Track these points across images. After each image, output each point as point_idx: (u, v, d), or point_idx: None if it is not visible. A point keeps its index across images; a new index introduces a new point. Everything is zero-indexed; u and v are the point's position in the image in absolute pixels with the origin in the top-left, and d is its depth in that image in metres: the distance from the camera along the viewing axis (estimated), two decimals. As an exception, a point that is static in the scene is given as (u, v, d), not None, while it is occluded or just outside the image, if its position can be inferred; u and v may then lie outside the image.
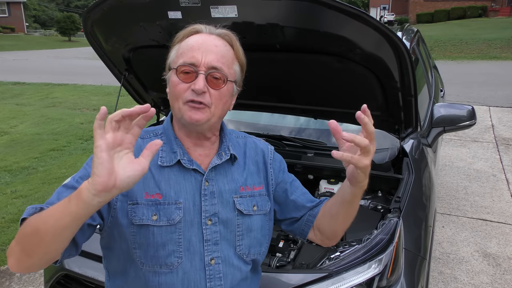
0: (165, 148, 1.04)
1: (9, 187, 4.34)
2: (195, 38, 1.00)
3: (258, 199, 1.12)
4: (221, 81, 0.98)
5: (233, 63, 1.02)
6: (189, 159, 1.03)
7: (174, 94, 0.99)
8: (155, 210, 0.99)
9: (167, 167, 1.02)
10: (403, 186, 1.84)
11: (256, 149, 1.18)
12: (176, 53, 1.01)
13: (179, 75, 0.97)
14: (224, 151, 1.08)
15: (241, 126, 2.68)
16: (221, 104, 1.00)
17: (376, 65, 1.68)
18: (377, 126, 2.09)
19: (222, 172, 1.07)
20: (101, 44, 2.11)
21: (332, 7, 1.45)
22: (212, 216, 1.03)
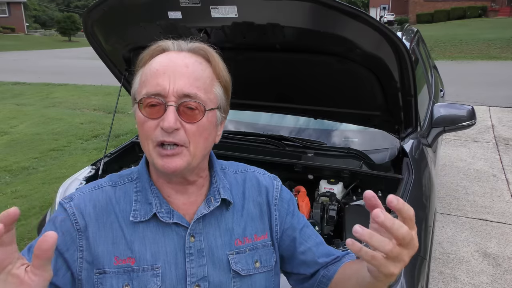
0: (139, 197, 0.84)
1: (9, 187, 4.34)
2: (160, 59, 0.79)
3: (262, 252, 0.90)
4: (197, 111, 0.77)
5: (212, 85, 0.81)
6: (168, 211, 0.83)
7: (142, 134, 0.79)
8: (127, 279, 0.80)
9: (141, 223, 0.82)
10: (403, 186, 1.84)
11: (259, 186, 0.95)
12: (139, 81, 0.81)
13: (144, 110, 0.77)
14: (214, 196, 0.87)
15: (241, 126, 2.68)
16: (202, 140, 0.79)
17: (376, 65, 1.68)
18: (377, 126, 2.10)
19: (212, 222, 0.86)
20: (101, 44, 2.11)
21: (332, 7, 1.45)
22: (201, 280, 0.82)
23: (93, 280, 0.80)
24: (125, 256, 0.81)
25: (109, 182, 0.87)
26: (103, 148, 4.16)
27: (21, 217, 3.62)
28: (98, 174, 2.09)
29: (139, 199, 0.84)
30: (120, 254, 0.81)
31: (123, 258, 0.81)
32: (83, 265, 0.80)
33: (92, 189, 0.86)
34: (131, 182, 0.87)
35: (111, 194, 0.85)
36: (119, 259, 0.81)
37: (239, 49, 1.86)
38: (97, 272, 0.80)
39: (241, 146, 2.28)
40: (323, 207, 1.91)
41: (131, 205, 0.84)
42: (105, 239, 0.81)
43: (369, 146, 2.32)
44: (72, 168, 4.75)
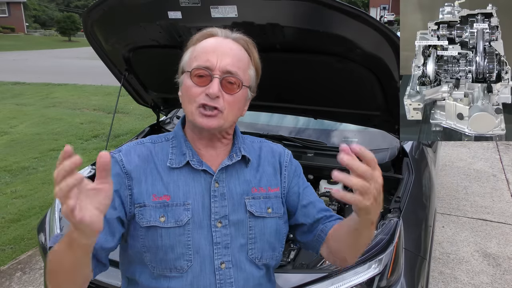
0: (175, 150, 1.04)
1: (9, 187, 4.34)
2: (211, 41, 0.99)
3: (274, 201, 1.08)
4: (235, 85, 0.96)
5: (248, 67, 1.01)
6: (198, 160, 1.02)
7: (188, 97, 0.98)
8: (163, 211, 0.97)
9: (176, 169, 1.01)
10: (403, 186, 1.84)
11: (272, 152, 1.15)
12: (190, 56, 1.00)
13: (193, 78, 0.96)
14: (236, 153, 1.06)
15: (241, 126, 2.68)
16: (235, 109, 0.99)
17: (376, 65, 1.68)
18: (377, 126, 2.10)
19: (233, 173, 1.05)
20: (101, 44, 2.11)
21: (332, 7, 1.45)
22: (222, 218, 1.00)
23: (134, 212, 0.97)
24: (162, 194, 0.99)
25: (150, 140, 1.07)
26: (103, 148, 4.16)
27: (21, 217, 3.62)
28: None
29: (174, 152, 1.03)
30: (157, 192, 0.99)
31: (160, 195, 0.98)
32: (132, 200, 0.98)
33: (136, 144, 1.06)
34: (168, 141, 1.06)
35: (151, 149, 1.04)
36: (156, 196, 0.98)
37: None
38: (138, 205, 0.98)
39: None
40: (323, 207, 1.91)
41: (167, 156, 1.03)
42: (145, 181, 0.99)
43: (369, 146, 2.32)
44: (72, 168, 4.73)
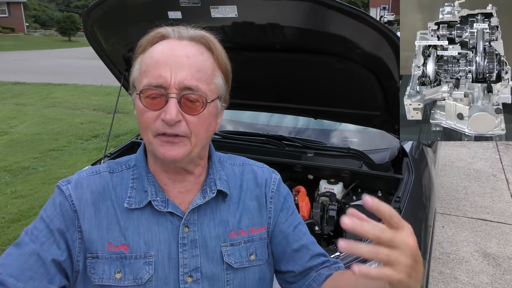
0: (135, 185, 0.84)
1: (9, 187, 4.34)
2: (161, 47, 0.78)
3: (258, 244, 0.89)
4: (198, 104, 0.76)
5: (213, 75, 0.80)
6: (163, 200, 0.82)
7: (143, 124, 0.78)
8: (119, 265, 0.79)
9: (136, 210, 0.82)
10: (403, 186, 1.84)
11: (256, 179, 0.93)
12: (139, 69, 0.79)
13: (145, 101, 0.76)
14: (210, 187, 0.86)
15: (241, 126, 2.68)
16: (203, 131, 0.79)
17: (376, 65, 1.68)
18: (377, 126, 2.10)
19: (208, 213, 0.85)
20: (101, 44, 2.11)
21: (332, 7, 1.45)
22: (193, 271, 0.82)
23: (85, 263, 0.80)
24: (118, 243, 0.80)
25: (107, 168, 0.87)
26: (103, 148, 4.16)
27: (21, 217, 3.62)
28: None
29: (135, 186, 0.84)
30: (113, 240, 0.80)
31: (116, 244, 0.80)
32: (81, 246, 0.80)
33: (90, 174, 0.86)
34: (128, 170, 0.87)
35: (108, 180, 0.85)
36: (112, 245, 0.80)
37: (239, 49, 1.86)
38: (90, 256, 0.80)
39: (241, 146, 2.28)
40: (323, 207, 1.91)
41: (127, 192, 0.83)
42: (99, 224, 0.81)
43: (369, 146, 2.33)
44: (72, 168, 4.75)
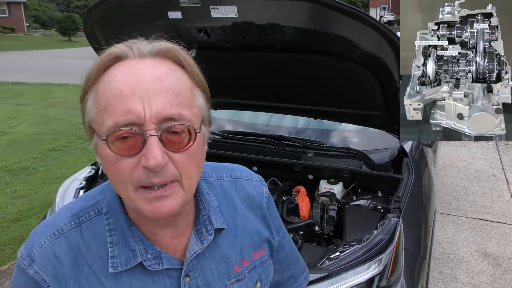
0: (115, 239, 0.67)
1: (9, 187, 4.34)
2: (120, 73, 0.59)
3: (261, 269, 0.80)
4: (185, 135, 0.60)
5: (193, 96, 0.63)
6: (155, 256, 0.68)
7: (116, 178, 0.61)
8: None
9: (124, 271, 0.66)
10: (403, 186, 1.84)
11: (248, 198, 0.82)
12: (96, 107, 0.60)
13: (114, 146, 0.58)
14: (205, 226, 0.72)
15: (241, 126, 2.68)
16: (194, 168, 0.63)
17: (376, 65, 1.68)
18: (377, 126, 2.10)
19: (206, 253, 0.72)
20: (101, 44, 2.11)
21: (332, 7, 1.45)
22: None
23: None
24: None
25: (71, 221, 0.68)
26: (103, 148, 4.16)
27: (21, 217, 3.61)
28: (98, 174, 2.09)
29: (115, 241, 0.67)
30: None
31: None
32: None
33: (52, 237, 0.67)
34: (99, 216, 0.69)
35: (78, 240, 0.67)
36: None
37: (239, 49, 1.86)
38: None
39: (241, 146, 2.28)
40: (323, 207, 1.91)
41: (106, 248, 0.66)
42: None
43: (369, 146, 2.33)
44: (72, 168, 4.75)
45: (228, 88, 2.06)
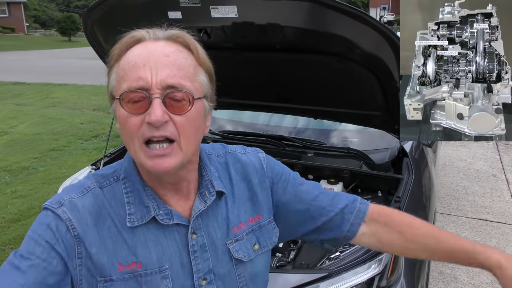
0: (132, 199, 0.80)
1: (9, 187, 4.34)
2: (137, 50, 0.74)
3: (259, 233, 0.90)
4: (185, 102, 0.73)
5: (196, 73, 0.76)
6: (166, 212, 0.80)
7: (127, 133, 0.74)
8: (135, 284, 0.76)
9: (140, 226, 0.79)
10: (403, 186, 1.84)
11: (243, 168, 0.92)
12: (116, 77, 0.75)
13: (126, 106, 0.72)
14: (207, 189, 0.84)
15: (241, 126, 2.68)
16: (192, 132, 0.75)
17: (376, 65, 1.68)
18: (377, 126, 2.10)
19: (209, 214, 0.84)
20: (101, 44, 2.11)
21: (332, 7, 1.45)
22: (207, 274, 0.82)
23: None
24: (130, 261, 0.77)
25: (96, 182, 0.81)
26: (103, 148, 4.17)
27: (21, 217, 3.62)
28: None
29: (131, 201, 0.79)
30: (123, 260, 0.77)
31: (127, 263, 0.77)
32: (83, 273, 0.74)
33: (81, 193, 0.79)
34: (118, 182, 0.81)
35: (102, 197, 0.79)
36: (122, 265, 0.76)
37: (239, 49, 1.86)
38: (102, 280, 0.75)
39: (241, 146, 2.28)
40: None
41: (124, 208, 0.79)
42: (105, 245, 0.76)
43: (369, 146, 2.33)
44: (72, 168, 4.75)
45: (228, 88, 2.05)
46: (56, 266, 0.72)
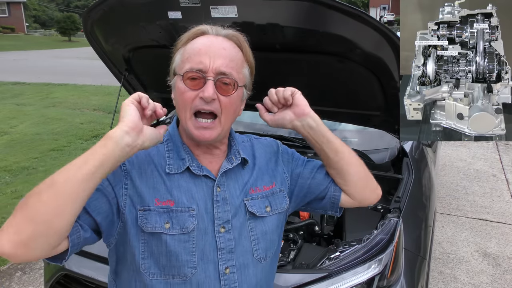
0: (171, 154, 1.00)
1: (9, 187, 4.34)
2: (202, 40, 0.95)
3: (271, 198, 1.07)
4: (231, 87, 0.93)
5: (242, 66, 0.98)
6: (198, 166, 0.99)
7: (182, 103, 0.94)
8: (167, 217, 0.94)
9: (176, 174, 0.98)
10: (403, 186, 1.84)
11: (264, 147, 1.14)
12: (181, 58, 0.96)
13: (186, 82, 0.92)
14: (235, 155, 1.04)
15: (241, 126, 2.68)
16: (231, 111, 0.97)
17: (376, 65, 1.68)
18: (377, 126, 2.10)
19: (232, 176, 1.03)
20: (101, 44, 2.11)
21: (332, 7, 1.45)
22: (225, 223, 0.98)
23: (136, 215, 0.93)
24: (165, 199, 0.95)
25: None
26: (103, 148, 4.16)
27: (21, 217, 3.61)
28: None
29: (171, 156, 0.99)
30: (160, 196, 0.95)
31: (163, 200, 0.95)
32: (127, 201, 0.93)
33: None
34: (162, 144, 1.01)
35: (148, 152, 0.98)
36: (159, 201, 0.94)
37: (239, 49, 1.86)
38: (142, 208, 0.93)
39: (241, 146, 2.28)
40: (323, 207, 1.91)
41: (165, 160, 0.99)
42: (146, 183, 0.95)
43: (369, 146, 2.33)
44: (72, 168, 4.74)
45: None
46: (107, 188, 0.92)
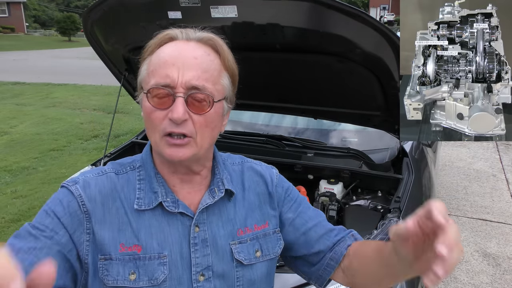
0: (143, 186, 0.84)
1: (9, 187, 4.34)
2: (169, 48, 0.79)
3: (263, 241, 0.90)
4: (205, 103, 0.77)
5: (220, 76, 0.80)
6: (173, 200, 0.83)
7: (149, 124, 0.79)
8: (133, 267, 0.79)
9: (147, 211, 0.82)
10: (403, 186, 1.84)
11: (257, 177, 0.95)
12: (147, 70, 0.80)
13: (152, 100, 0.77)
14: (217, 186, 0.87)
15: (241, 126, 2.68)
16: (208, 131, 0.80)
17: (376, 65, 1.68)
18: (377, 126, 2.10)
19: (216, 212, 0.86)
20: (101, 44, 2.11)
21: (332, 7, 1.45)
22: (205, 270, 0.83)
23: (97, 265, 0.78)
24: (131, 244, 0.80)
25: (112, 169, 0.86)
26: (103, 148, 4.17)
27: (21, 217, 3.62)
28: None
29: (142, 188, 0.84)
30: (125, 241, 0.80)
31: (129, 245, 0.80)
32: (89, 248, 0.78)
33: (96, 174, 0.84)
34: (134, 171, 0.86)
35: (115, 181, 0.84)
36: (124, 246, 0.79)
37: (239, 49, 1.85)
38: (102, 258, 0.78)
39: (241, 146, 2.28)
40: (323, 207, 1.91)
41: (134, 193, 0.83)
42: (110, 225, 0.80)
43: (369, 146, 2.33)
44: (72, 168, 4.75)
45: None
46: (62, 237, 0.76)
